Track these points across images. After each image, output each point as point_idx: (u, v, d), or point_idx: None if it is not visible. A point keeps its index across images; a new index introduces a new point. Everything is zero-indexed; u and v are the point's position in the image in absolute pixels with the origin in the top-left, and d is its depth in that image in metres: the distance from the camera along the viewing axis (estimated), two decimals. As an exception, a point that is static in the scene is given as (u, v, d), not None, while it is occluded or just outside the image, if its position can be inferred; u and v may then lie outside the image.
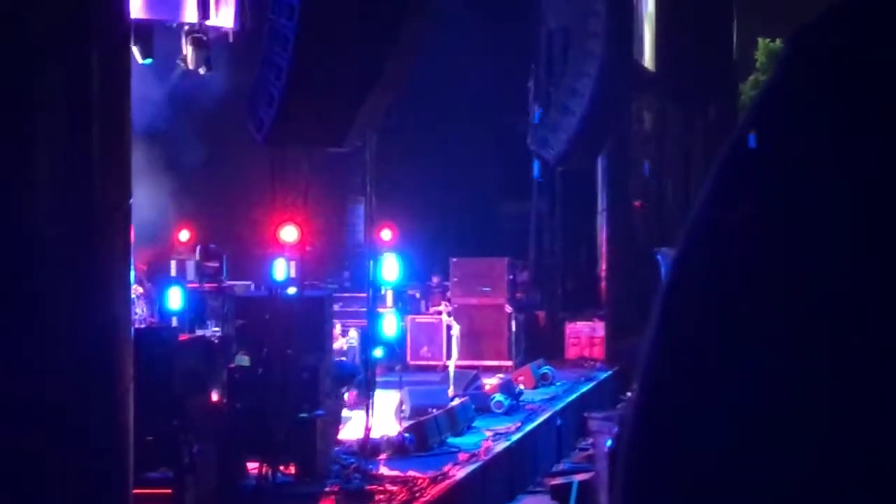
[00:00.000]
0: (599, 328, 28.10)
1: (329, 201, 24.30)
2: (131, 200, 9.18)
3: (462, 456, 16.25)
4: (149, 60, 17.76)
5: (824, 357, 1.71)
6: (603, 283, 31.20)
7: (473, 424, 18.48)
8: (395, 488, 14.12)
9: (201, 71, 18.67)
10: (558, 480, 17.18)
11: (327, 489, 14.13)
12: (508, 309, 25.62)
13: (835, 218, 1.75)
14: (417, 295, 25.76)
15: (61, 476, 8.45)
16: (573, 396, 22.29)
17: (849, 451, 1.69)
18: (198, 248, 20.98)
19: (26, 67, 8.52)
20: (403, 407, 18.38)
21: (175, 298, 18.82)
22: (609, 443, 5.85)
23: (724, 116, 40.76)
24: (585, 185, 31.01)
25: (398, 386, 18.81)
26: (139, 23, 16.65)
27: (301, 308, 15.27)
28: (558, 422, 20.30)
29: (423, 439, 16.52)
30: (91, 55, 8.84)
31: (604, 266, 31.36)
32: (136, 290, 16.77)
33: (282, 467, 14.39)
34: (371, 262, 18.29)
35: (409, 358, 24.01)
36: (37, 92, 8.59)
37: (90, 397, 8.63)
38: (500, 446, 17.19)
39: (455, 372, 21.28)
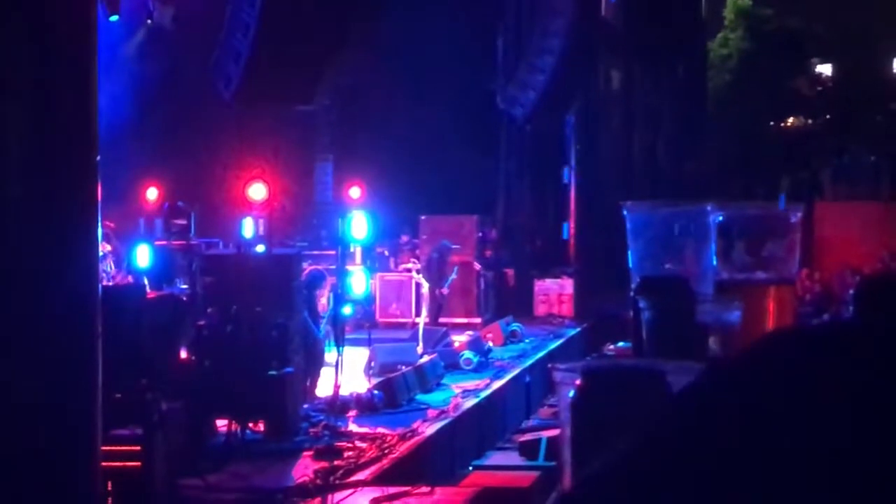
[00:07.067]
0: (568, 285, 28.23)
1: (297, 160, 24.22)
2: (98, 157, 9.12)
3: (431, 413, 16.29)
4: (115, 17, 17.63)
5: None
6: (571, 241, 31.28)
7: (442, 381, 18.53)
8: (364, 445, 14.14)
9: (168, 27, 18.56)
10: (527, 437, 17.28)
11: (297, 446, 14.15)
12: (477, 266, 25.68)
13: None
14: (386, 253, 25.79)
15: (29, 432, 8.44)
16: (542, 353, 22.35)
17: None
18: (165, 205, 20.90)
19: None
20: (372, 364, 18.43)
21: (143, 256, 18.78)
22: (572, 394, 5.86)
23: (692, 74, 40.79)
24: (554, 142, 31.02)
25: (367, 343, 18.82)
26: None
27: (270, 266, 15.24)
28: (527, 378, 20.37)
29: (392, 396, 16.55)
30: (56, 10, 8.76)
31: (572, 224, 31.41)
32: (103, 247, 16.71)
33: (251, 425, 14.39)
34: (340, 220, 18.26)
35: (377, 315, 24.06)
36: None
37: (57, 354, 8.61)
38: (469, 403, 17.24)
39: (424, 329, 21.32)
